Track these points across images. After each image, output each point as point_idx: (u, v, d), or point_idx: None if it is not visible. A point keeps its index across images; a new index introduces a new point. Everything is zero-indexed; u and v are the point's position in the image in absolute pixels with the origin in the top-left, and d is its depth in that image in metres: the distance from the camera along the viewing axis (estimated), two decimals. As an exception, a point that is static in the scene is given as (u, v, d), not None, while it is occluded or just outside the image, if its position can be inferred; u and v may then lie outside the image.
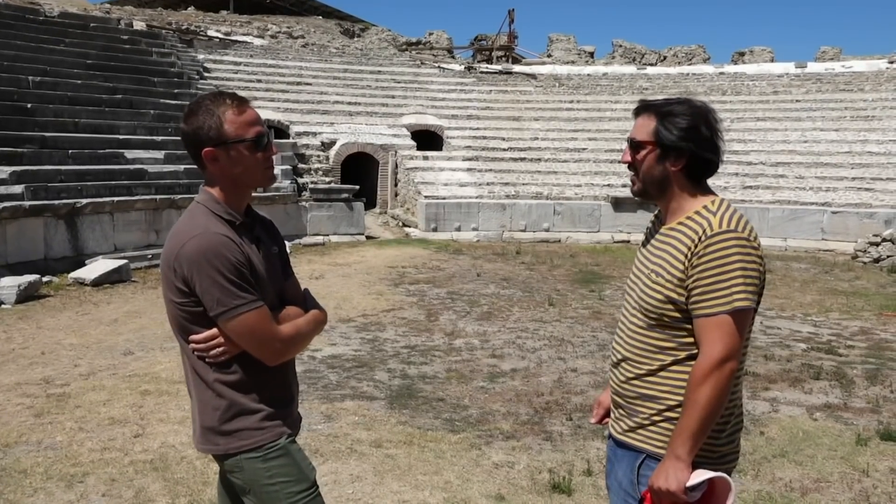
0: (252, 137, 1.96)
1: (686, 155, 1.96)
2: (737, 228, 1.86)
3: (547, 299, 9.49)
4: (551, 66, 24.56)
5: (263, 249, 2.07)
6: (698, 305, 1.85)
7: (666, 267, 1.94)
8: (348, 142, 18.24)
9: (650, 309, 1.96)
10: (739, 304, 1.82)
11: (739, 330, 1.84)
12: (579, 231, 16.58)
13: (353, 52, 23.43)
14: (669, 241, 1.97)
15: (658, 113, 1.99)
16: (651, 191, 2.02)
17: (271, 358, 1.98)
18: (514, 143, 19.57)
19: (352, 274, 11.26)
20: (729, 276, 1.82)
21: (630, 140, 2.03)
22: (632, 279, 2.12)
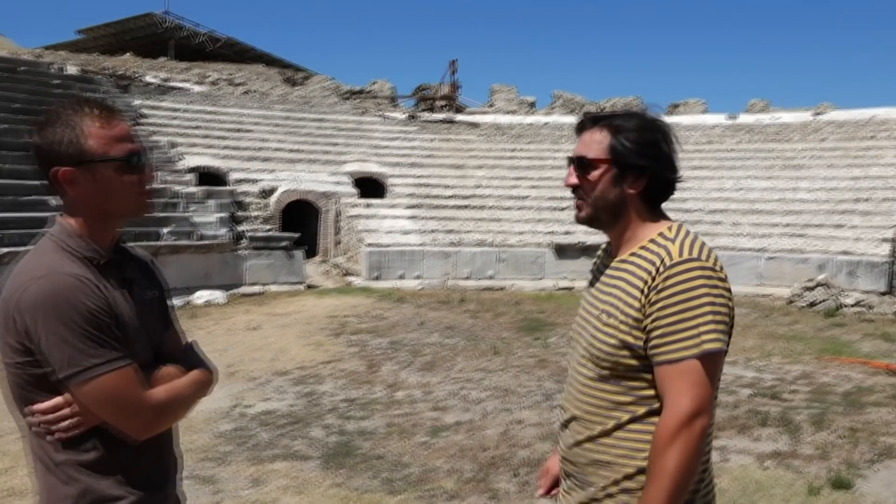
0: (122, 156, 1.59)
1: (647, 175, 1.68)
2: (700, 256, 1.58)
3: (491, 348, 9.27)
4: (493, 115, 24.88)
5: (136, 294, 1.68)
6: (660, 350, 1.56)
7: (619, 305, 1.64)
8: (289, 189, 17.92)
9: (602, 357, 1.65)
10: (709, 347, 1.53)
11: (710, 378, 1.55)
12: (523, 278, 16.51)
13: (295, 99, 23.28)
14: (622, 274, 1.68)
15: (612, 126, 1.70)
16: (603, 217, 1.72)
17: (140, 430, 1.57)
18: (458, 190, 19.57)
19: (290, 324, 10.85)
20: (695, 314, 1.53)
21: (577, 159, 1.73)
22: (579, 323, 1.82)
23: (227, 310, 12.11)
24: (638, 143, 1.67)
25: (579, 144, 1.75)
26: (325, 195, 18.23)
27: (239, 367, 7.96)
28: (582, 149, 1.74)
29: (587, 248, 16.59)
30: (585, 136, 1.75)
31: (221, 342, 9.36)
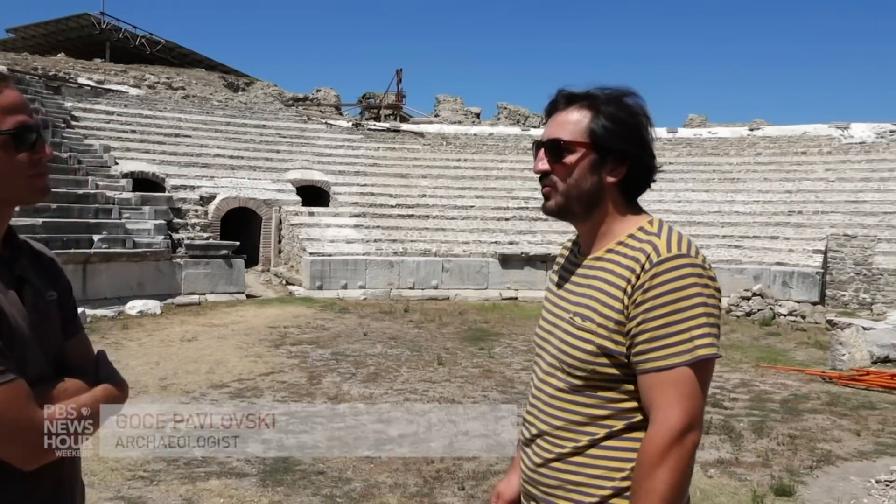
0: (10, 129, 1.33)
1: (628, 162, 1.50)
2: (689, 252, 1.41)
3: (436, 358, 9.15)
4: (439, 125, 24.88)
5: (30, 296, 1.39)
6: (646, 357, 1.38)
7: (596, 308, 1.45)
8: (229, 196, 17.48)
9: (576, 365, 1.46)
10: (704, 353, 1.36)
11: (702, 387, 1.38)
12: (468, 288, 16.46)
13: (237, 105, 22.80)
14: (599, 273, 1.50)
15: (592, 106, 1.50)
16: (576, 208, 1.52)
17: (29, 458, 1.28)
18: (403, 199, 19.44)
19: (228, 335, 10.50)
20: (687, 316, 1.36)
21: (550, 141, 1.51)
22: (544, 328, 1.61)
23: (161, 320, 11.67)
24: (620, 126, 1.48)
25: (551, 126, 1.54)
26: (267, 203, 17.85)
27: (173, 381, 7.62)
28: (555, 130, 1.52)
29: (532, 258, 16.67)
30: (559, 116, 1.54)
31: (155, 354, 8.98)
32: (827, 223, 17.09)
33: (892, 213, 17.06)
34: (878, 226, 16.66)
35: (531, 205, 19.50)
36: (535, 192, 20.18)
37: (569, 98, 1.53)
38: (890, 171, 18.85)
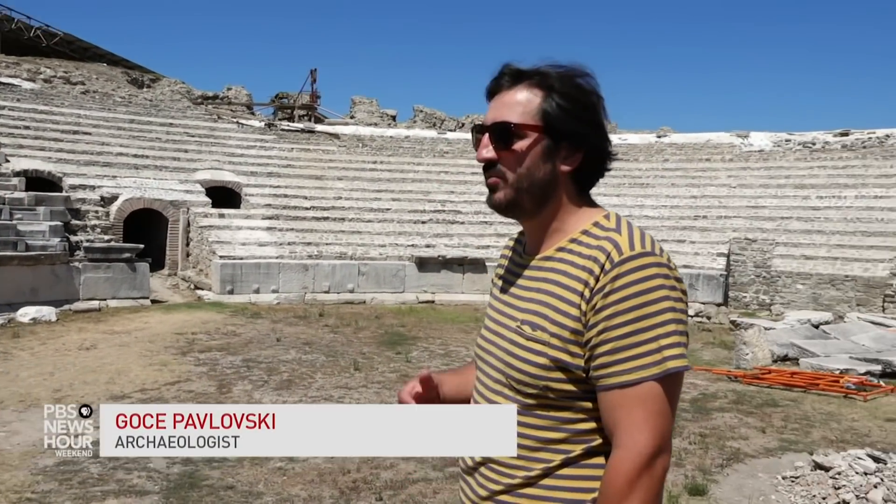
0: None
1: (583, 148, 1.32)
2: (654, 251, 1.24)
3: (352, 363, 8.94)
4: (355, 126, 24.58)
5: None
6: (609, 371, 1.21)
7: (548, 315, 1.27)
8: (133, 197, 16.65)
9: (525, 381, 1.28)
10: (673, 365, 1.20)
11: (672, 404, 1.23)
12: (384, 292, 16.26)
13: (141, 102, 21.82)
14: (550, 275, 1.31)
15: (543, 84, 1.31)
16: (526, 202, 1.33)
17: None
18: (317, 201, 19.05)
19: (131, 343, 9.95)
20: (654, 323, 1.19)
21: (498, 125, 1.32)
22: (487, 339, 1.43)
23: (57, 328, 10.95)
24: (575, 106, 1.30)
25: (495, 107, 1.34)
26: (174, 204, 17.11)
27: (68, 392, 7.13)
28: (501, 112, 1.32)
29: (449, 260, 16.64)
30: (504, 96, 1.33)
31: (49, 364, 8.39)
32: (730, 227, 17.85)
33: (788, 218, 17.98)
34: (775, 230, 17.52)
35: (448, 208, 19.50)
36: (452, 195, 20.27)
37: (516, 75, 1.33)
38: (786, 178, 19.87)
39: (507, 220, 15.70)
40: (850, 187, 18.69)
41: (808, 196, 18.81)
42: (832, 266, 15.77)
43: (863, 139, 20.56)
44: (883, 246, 16.03)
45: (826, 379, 8.55)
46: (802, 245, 16.85)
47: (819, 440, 6.35)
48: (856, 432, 6.64)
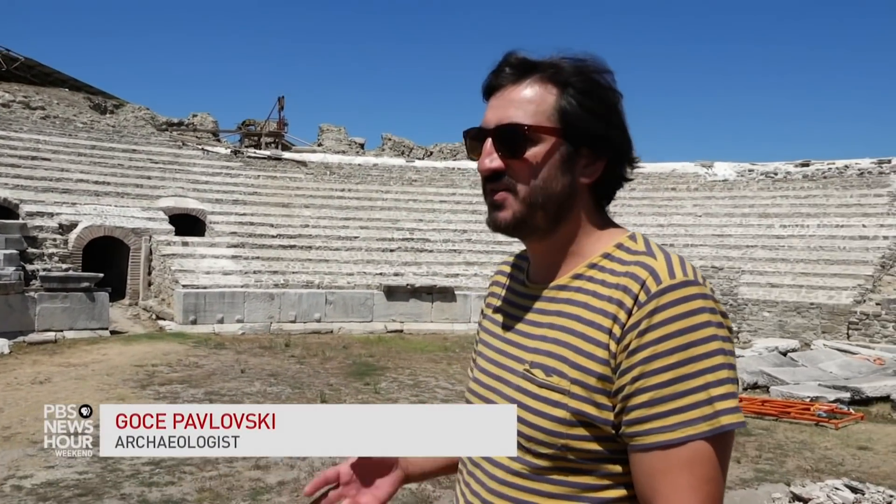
0: None
1: (606, 156, 1.09)
2: (697, 279, 0.99)
3: (319, 395, 8.69)
4: (322, 154, 24.44)
5: None
6: (646, 427, 0.96)
7: (566, 356, 1.03)
8: (93, 224, 16.22)
9: (538, 439, 1.03)
10: (729, 421, 0.95)
11: (724, 470, 0.97)
12: (352, 321, 16.01)
13: (103, 128, 21.42)
14: (566, 308, 1.07)
15: (556, 78, 1.07)
16: (540, 220, 1.09)
17: None
18: (284, 229, 18.79)
19: (88, 375, 9.56)
20: (703, 368, 0.95)
21: (505, 128, 1.07)
22: (483, 383, 1.18)
23: (9, 361, 10.50)
24: (598, 105, 1.07)
25: (499, 105, 1.10)
26: (136, 232, 16.71)
27: (18, 430, 6.76)
28: (508, 111, 1.08)
29: (417, 289, 16.47)
30: (510, 93, 1.09)
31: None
32: (696, 255, 18.00)
33: (753, 246, 18.21)
34: (741, 258, 17.72)
35: (416, 236, 19.37)
36: (421, 223, 20.17)
37: (523, 66, 1.09)
38: (750, 206, 20.18)
39: (476, 249, 15.52)
40: (812, 216, 19.04)
41: (772, 225, 19.11)
42: (797, 294, 15.96)
43: (823, 169, 21.03)
44: (846, 274, 16.29)
45: (797, 407, 8.54)
46: (768, 273, 17.05)
47: (794, 470, 6.28)
48: (830, 461, 6.60)
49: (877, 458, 6.78)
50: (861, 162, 20.85)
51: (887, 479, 5.99)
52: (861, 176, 20.33)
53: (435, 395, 8.98)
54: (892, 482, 5.80)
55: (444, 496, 5.20)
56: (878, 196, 19.28)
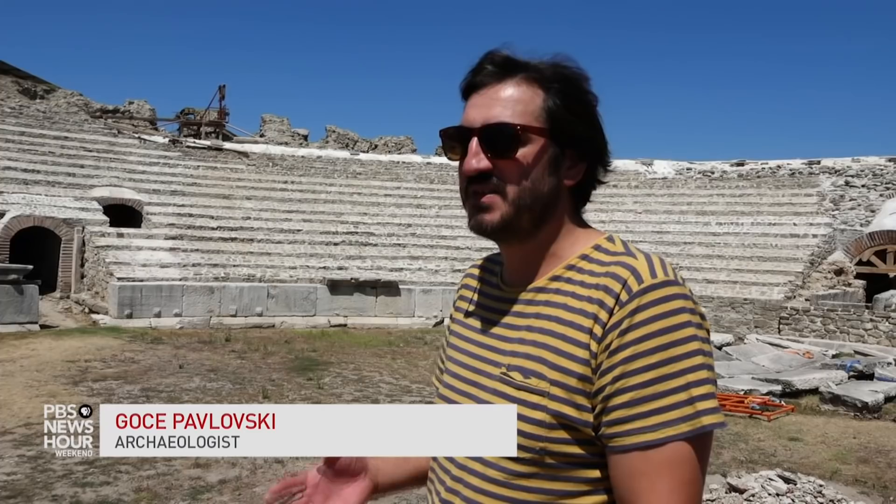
0: None
1: (587, 158, 1.10)
2: (677, 280, 1.00)
3: (261, 391, 8.53)
4: (265, 145, 24.00)
5: None
6: (627, 427, 0.96)
7: (545, 358, 1.02)
8: (21, 214, 15.55)
9: (519, 443, 1.01)
10: (710, 421, 0.95)
11: (702, 468, 0.97)
12: (294, 315, 15.78)
13: (33, 113, 20.54)
14: (545, 310, 1.06)
15: (542, 77, 1.07)
16: (525, 223, 1.07)
17: None
18: (224, 221, 18.39)
19: (16, 371, 9.16)
20: (684, 367, 0.95)
21: (495, 127, 1.05)
22: (456, 388, 1.16)
23: (-70, 356, 9.98)
24: (580, 107, 1.07)
25: (482, 105, 1.07)
26: (68, 222, 16.10)
27: (-60, 429, 6.43)
28: (493, 111, 1.06)
29: (361, 283, 16.35)
30: (494, 91, 1.07)
31: (-82, 397, 7.59)
32: (636, 252, 18.40)
33: (690, 243, 18.71)
34: (679, 255, 18.17)
35: (360, 229, 19.23)
36: (365, 216, 20.04)
37: (506, 65, 1.07)
38: (688, 204, 20.72)
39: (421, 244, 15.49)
40: (747, 214, 19.67)
41: (709, 222, 19.66)
42: (732, 289, 16.47)
43: (757, 169, 21.73)
44: (777, 270, 16.89)
45: (732, 400, 8.80)
46: (704, 269, 17.54)
47: (730, 461, 6.47)
48: (763, 452, 6.82)
49: (806, 448, 7.05)
50: (792, 162, 21.65)
51: (816, 468, 6.23)
52: (792, 176, 21.11)
53: (379, 391, 8.93)
54: (821, 472, 6.04)
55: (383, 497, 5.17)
56: (808, 196, 20.05)
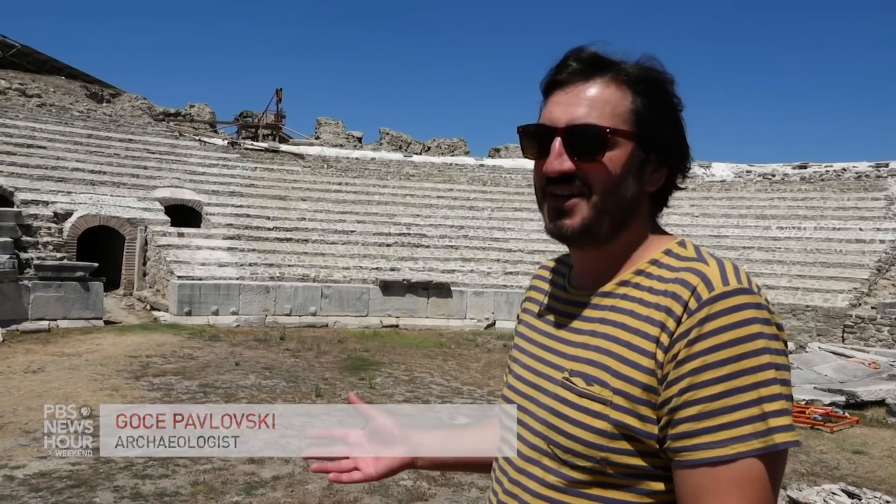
0: None
1: (670, 163, 1.05)
2: (752, 288, 0.94)
3: (314, 389, 8.65)
4: (320, 147, 24.35)
5: None
6: (694, 442, 0.90)
7: (609, 365, 0.97)
8: (88, 214, 16.13)
9: (577, 451, 0.98)
10: (783, 439, 0.89)
11: (774, 489, 0.91)
12: (347, 315, 15.95)
13: (100, 117, 21.30)
14: (610, 315, 1.01)
15: (629, 79, 1.02)
16: (606, 228, 1.03)
17: None
18: (280, 222, 18.72)
19: (81, 366, 9.50)
20: (756, 381, 0.89)
21: (580, 128, 1.00)
22: (520, 391, 1.12)
23: (2, 350, 10.42)
24: (666, 111, 1.03)
25: (566, 104, 1.03)
26: (132, 222, 16.63)
27: (10, 419, 6.70)
28: (579, 111, 1.01)
29: (413, 284, 16.43)
30: (581, 90, 1.02)
31: (-9, 388, 7.94)
32: (692, 256, 18.01)
33: (749, 247, 18.21)
34: (737, 260, 17.70)
35: (413, 231, 19.33)
36: (418, 218, 20.13)
37: (593, 63, 1.02)
38: (747, 208, 20.18)
39: (472, 245, 15.45)
40: (810, 219, 19.05)
41: (769, 226, 19.11)
42: (793, 296, 15.97)
43: (821, 172, 21.03)
44: (842, 277, 16.30)
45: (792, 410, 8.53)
46: (764, 275, 17.05)
47: (790, 473, 6.26)
48: (826, 465, 6.59)
49: (872, 462, 6.78)
50: (859, 165, 20.88)
51: (882, 483, 5.98)
52: (858, 179, 20.36)
53: (430, 392, 8.95)
54: (887, 487, 5.80)
55: (439, 494, 5.18)
56: (875, 199, 19.31)
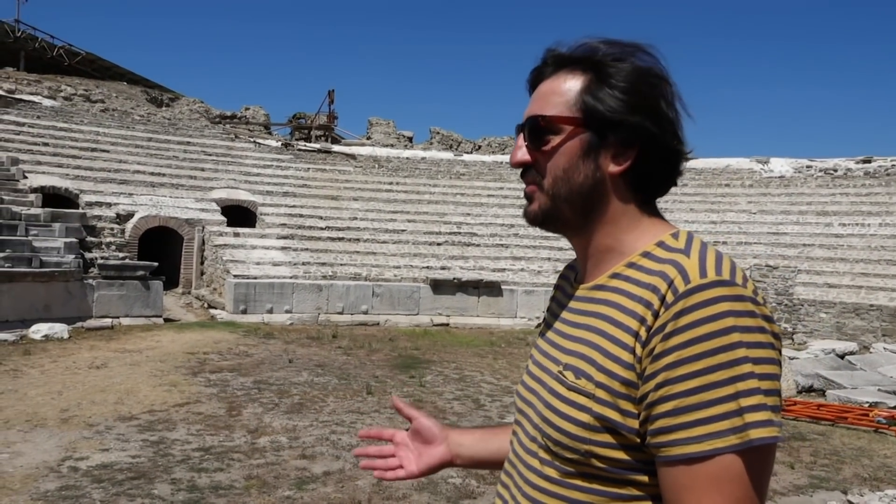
0: None
1: (637, 143, 1.01)
2: (734, 279, 0.91)
3: (365, 387, 8.74)
4: (371, 147, 24.58)
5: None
6: (671, 437, 0.89)
7: (595, 359, 0.98)
8: (148, 214, 16.65)
9: (564, 443, 0.99)
10: (760, 435, 0.86)
11: (758, 489, 0.88)
12: (398, 314, 16.08)
13: (159, 120, 21.94)
14: (600, 309, 1.02)
15: (590, 67, 1.04)
16: (565, 212, 1.05)
17: None
18: (332, 222, 18.98)
19: (142, 361, 9.82)
20: (733, 375, 0.87)
21: (529, 121, 1.06)
22: (528, 385, 1.14)
23: (69, 346, 10.85)
24: (627, 93, 1.01)
25: (532, 100, 1.09)
26: (190, 222, 17.09)
27: (75, 412, 6.97)
28: (536, 105, 1.07)
29: (464, 283, 16.45)
30: (543, 86, 1.08)
31: (58, 383, 8.26)
32: (750, 254, 17.55)
33: (810, 245, 17.66)
34: (797, 257, 17.20)
35: (463, 230, 19.35)
36: (468, 217, 20.14)
37: (558, 60, 1.07)
38: (808, 204, 19.56)
39: (523, 244, 15.42)
40: (874, 215, 18.36)
41: (831, 223, 18.49)
42: (856, 295, 15.42)
43: (886, 166, 20.24)
44: (908, 275, 15.67)
45: (854, 412, 8.24)
46: (825, 273, 16.51)
47: (851, 477, 6.07)
48: (889, 470, 6.35)
49: (940, 467, 6.50)
50: (927, 159, 20.02)
51: (951, 490, 5.73)
52: (927, 173, 19.52)
53: (480, 390, 8.95)
54: (956, 494, 5.55)
55: (488, 492, 5.18)
56: (945, 195, 18.48)
